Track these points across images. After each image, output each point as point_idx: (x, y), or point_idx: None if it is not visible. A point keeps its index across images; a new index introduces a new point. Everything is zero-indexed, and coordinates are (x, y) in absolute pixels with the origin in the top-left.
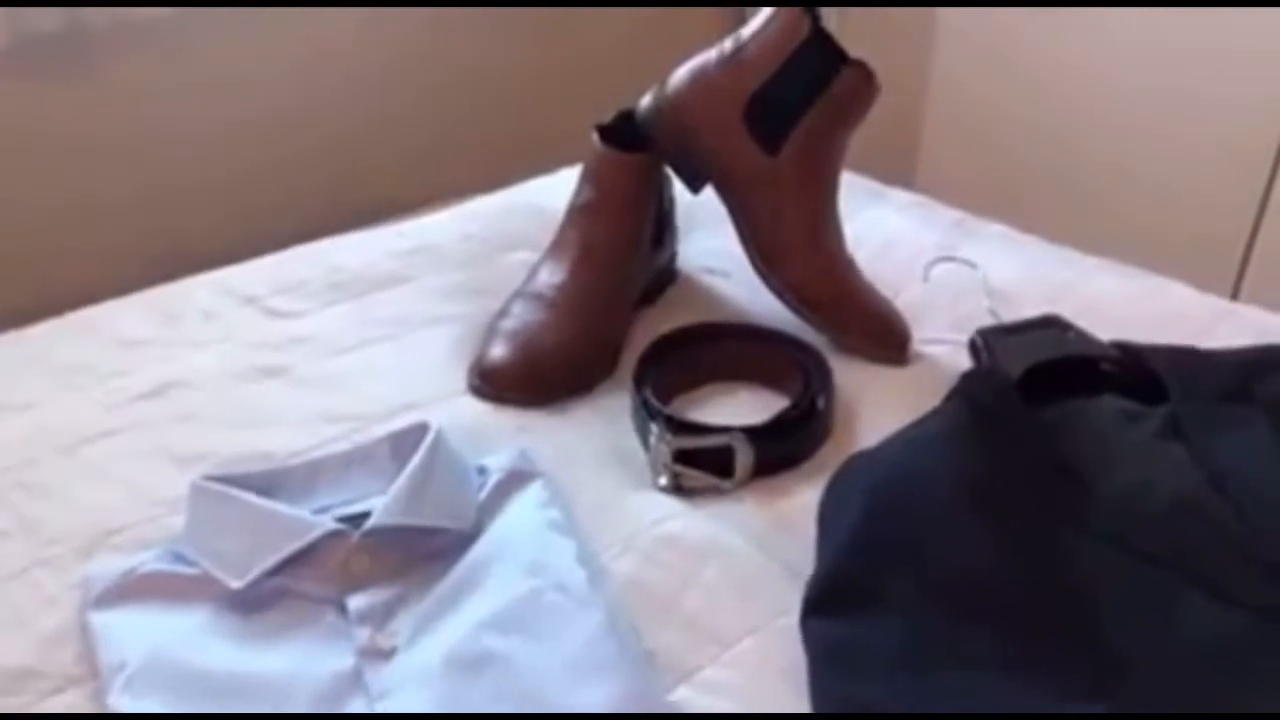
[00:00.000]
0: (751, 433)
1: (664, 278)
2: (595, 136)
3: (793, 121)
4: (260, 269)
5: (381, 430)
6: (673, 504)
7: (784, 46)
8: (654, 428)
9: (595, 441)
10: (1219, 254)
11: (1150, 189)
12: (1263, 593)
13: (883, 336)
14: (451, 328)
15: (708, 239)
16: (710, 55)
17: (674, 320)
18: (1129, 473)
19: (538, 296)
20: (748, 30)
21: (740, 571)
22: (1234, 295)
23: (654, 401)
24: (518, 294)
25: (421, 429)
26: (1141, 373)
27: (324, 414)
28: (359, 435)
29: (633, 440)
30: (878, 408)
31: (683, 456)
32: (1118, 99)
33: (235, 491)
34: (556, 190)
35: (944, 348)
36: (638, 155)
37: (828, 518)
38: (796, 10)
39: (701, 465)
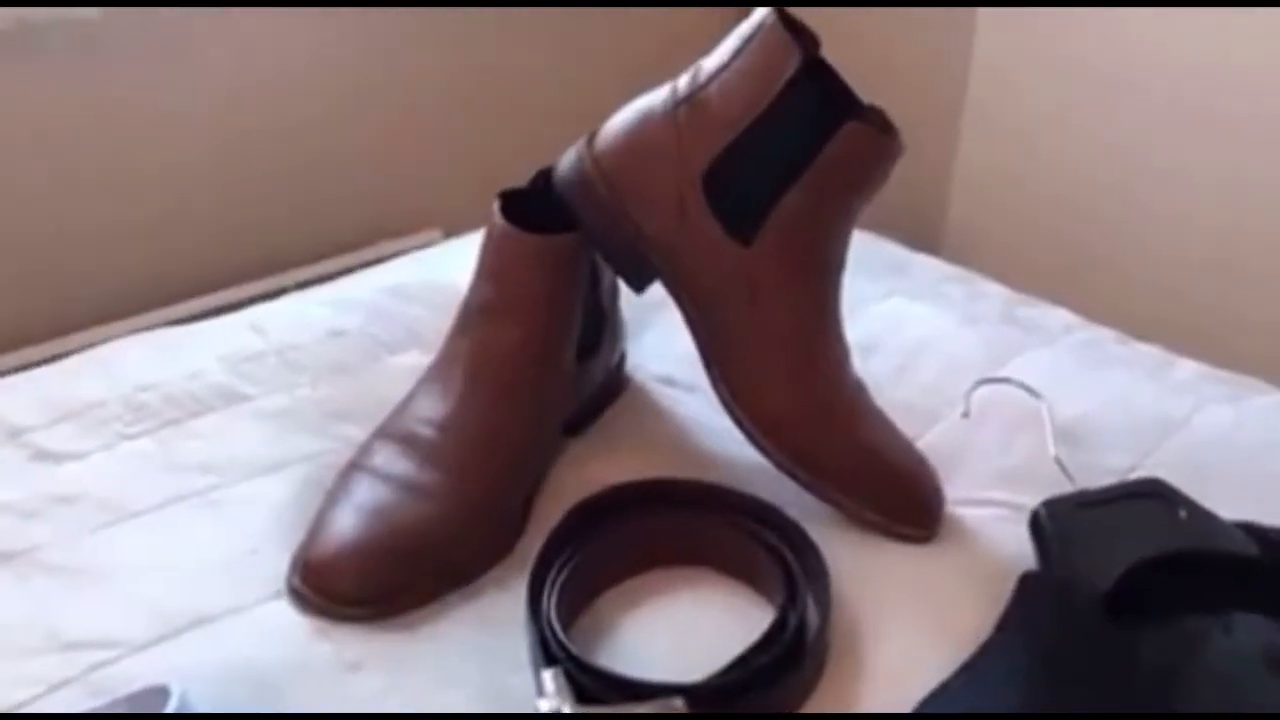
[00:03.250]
0: (698, 696)
1: (603, 395)
2: (496, 209)
3: (774, 197)
4: (41, 384)
5: (150, 668)
6: None
7: (763, 87)
8: (548, 681)
9: (466, 680)
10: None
11: (1214, 242)
12: None
13: (901, 504)
14: (290, 478)
15: (667, 335)
16: (658, 98)
17: (609, 459)
18: None
19: (408, 438)
20: (711, 60)
21: None
22: None
23: (553, 628)
24: (382, 431)
25: (158, 698)
26: None
27: (57, 636)
28: (108, 673)
29: (525, 676)
30: (894, 619)
31: None
32: (1184, 140)
33: None
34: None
35: (990, 513)
36: (554, 238)
37: None
38: (780, 32)
39: None
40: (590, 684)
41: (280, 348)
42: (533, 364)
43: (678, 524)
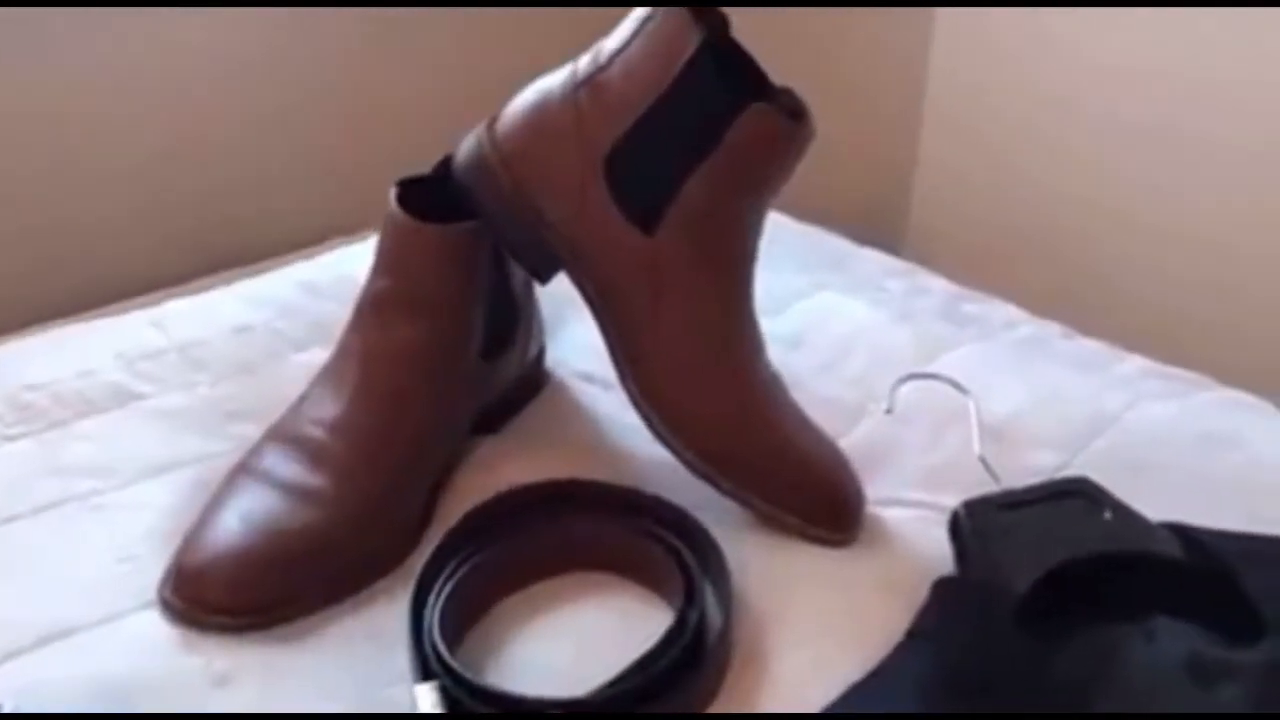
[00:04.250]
0: (581, 712)
1: (520, 392)
2: (392, 197)
3: (676, 183)
4: None
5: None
6: None
7: (663, 68)
8: (420, 698)
9: (342, 694)
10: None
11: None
12: None
13: (818, 506)
14: (178, 481)
15: (589, 330)
16: (558, 79)
17: (522, 460)
18: None
19: (297, 440)
20: (612, 40)
21: None
22: None
23: (434, 640)
24: (273, 432)
25: None
26: (1218, 579)
27: None
28: None
29: (406, 689)
30: (805, 626)
31: None
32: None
33: None
34: None
35: (911, 514)
36: (453, 228)
37: None
38: (679, 11)
39: None
40: (467, 699)
41: (182, 344)
42: (431, 361)
43: (578, 528)
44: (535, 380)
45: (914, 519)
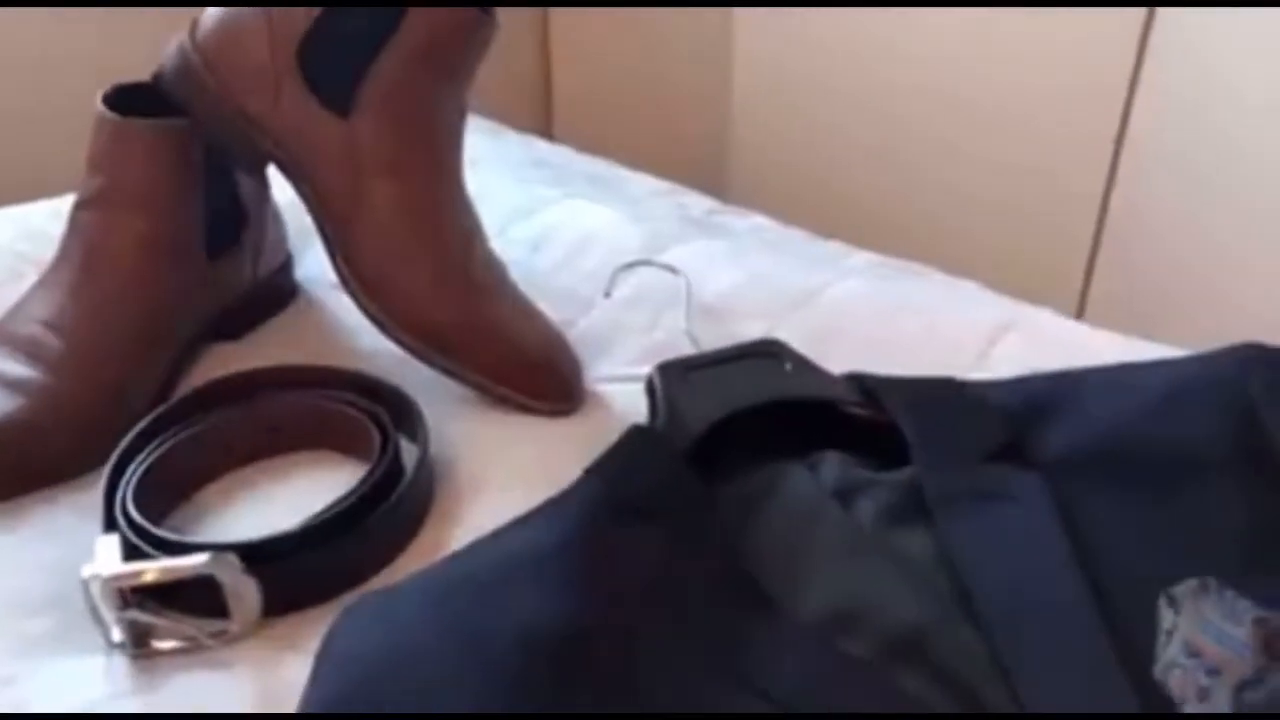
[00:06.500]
0: (252, 553)
1: (264, 300)
2: (99, 99)
3: (365, 65)
4: None
5: None
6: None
7: None
8: (99, 549)
9: (40, 568)
10: (1062, 256)
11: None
12: None
13: (535, 379)
14: None
15: None
16: None
17: (260, 360)
18: (833, 587)
19: (13, 339)
20: None
21: None
22: (1081, 301)
23: (124, 498)
24: None
25: None
26: (880, 418)
27: None
28: None
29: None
30: (510, 485)
31: (151, 595)
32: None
33: None
34: None
35: (631, 388)
36: (160, 122)
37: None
38: None
39: (187, 605)
40: (148, 548)
41: None
42: (147, 257)
43: (281, 405)
44: (280, 290)
45: (628, 392)
